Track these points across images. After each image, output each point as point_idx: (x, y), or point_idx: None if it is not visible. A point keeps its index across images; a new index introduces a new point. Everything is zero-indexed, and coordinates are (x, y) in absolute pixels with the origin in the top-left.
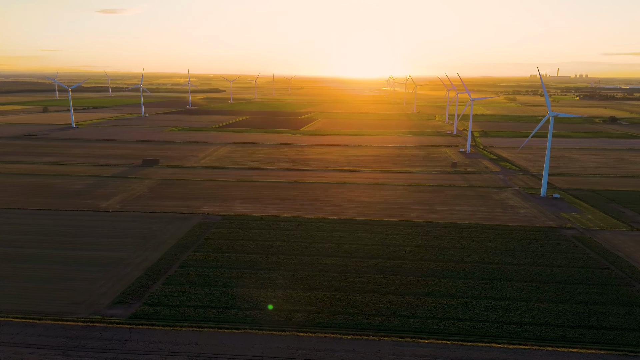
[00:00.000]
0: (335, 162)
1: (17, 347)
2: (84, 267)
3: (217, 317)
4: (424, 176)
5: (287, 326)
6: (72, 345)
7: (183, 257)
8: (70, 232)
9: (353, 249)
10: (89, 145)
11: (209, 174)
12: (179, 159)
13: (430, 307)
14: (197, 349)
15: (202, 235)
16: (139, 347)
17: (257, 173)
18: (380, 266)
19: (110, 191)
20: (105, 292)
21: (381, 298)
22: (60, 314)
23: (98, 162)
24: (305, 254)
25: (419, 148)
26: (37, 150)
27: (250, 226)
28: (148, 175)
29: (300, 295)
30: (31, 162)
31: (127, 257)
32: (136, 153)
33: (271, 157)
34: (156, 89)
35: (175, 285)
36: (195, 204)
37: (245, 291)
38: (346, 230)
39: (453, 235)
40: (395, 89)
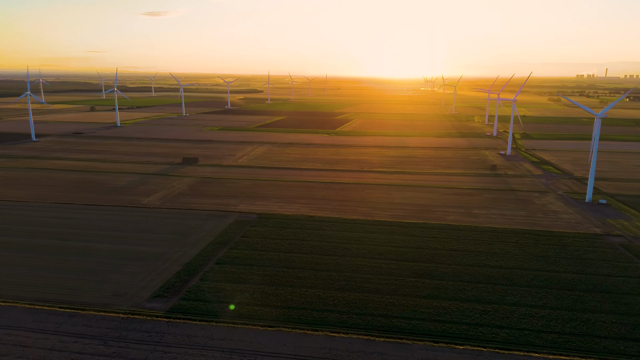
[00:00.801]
0: (371, 162)
1: (62, 335)
2: (126, 261)
3: (251, 314)
4: (462, 178)
5: (320, 326)
6: (113, 336)
7: (219, 254)
8: (114, 227)
9: (387, 250)
10: (132, 143)
11: (245, 173)
12: (218, 157)
13: (466, 313)
14: (232, 344)
15: (239, 233)
16: (176, 341)
17: (293, 173)
18: (414, 269)
19: (152, 188)
20: (145, 285)
21: (415, 301)
22: (103, 305)
23: (141, 159)
24: (338, 255)
25: (456, 150)
26: (84, 147)
27: (285, 225)
28: (187, 174)
29: (333, 295)
30: (78, 159)
31: (166, 253)
32: (177, 151)
33: (306, 157)
34: (196, 89)
35: (212, 282)
36: (232, 202)
37: (279, 289)
38: (380, 232)
39: (491, 240)
40: (433, 89)
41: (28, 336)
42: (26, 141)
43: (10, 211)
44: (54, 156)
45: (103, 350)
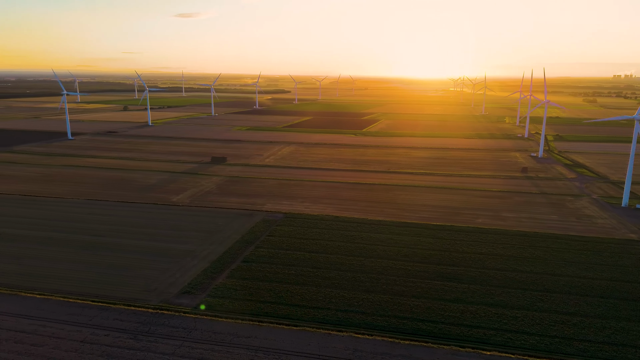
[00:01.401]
0: (398, 163)
1: (94, 328)
2: (156, 257)
3: (276, 313)
4: (491, 181)
5: (344, 327)
6: (142, 330)
7: (246, 252)
8: (145, 224)
9: (414, 253)
10: (163, 142)
11: (272, 172)
12: (245, 157)
13: (494, 318)
14: (257, 342)
15: (265, 232)
16: (203, 337)
17: (319, 173)
18: (441, 272)
19: (181, 186)
20: (174, 281)
21: (441, 305)
22: (133, 300)
23: (171, 158)
24: (364, 256)
25: (486, 151)
26: (117, 146)
27: (311, 225)
28: (216, 172)
29: (358, 296)
30: (111, 157)
31: (195, 250)
32: (206, 151)
33: (333, 158)
34: (225, 90)
35: (238, 279)
36: (259, 202)
37: (305, 289)
38: (407, 233)
39: (521, 244)
40: (462, 90)
41: (62, 328)
42: (62, 139)
43: (49, 207)
44: (88, 154)
45: (133, 344)
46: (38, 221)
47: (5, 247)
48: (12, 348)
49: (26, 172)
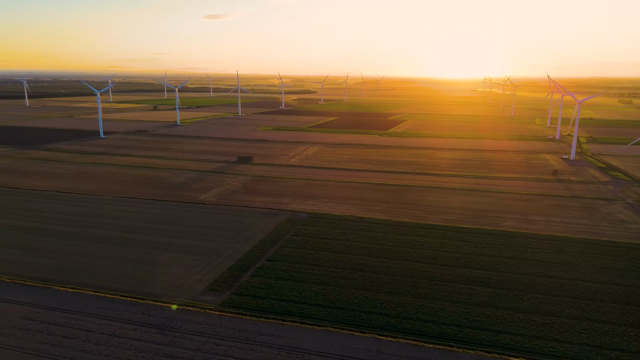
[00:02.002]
0: (424, 165)
1: (123, 322)
2: (183, 254)
3: (300, 312)
4: (520, 183)
5: (368, 328)
6: (169, 325)
7: (271, 251)
8: (173, 221)
9: (439, 255)
10: (191, 141)
11: (297, 172)
12: (271, 157)
13: (521, 324)
14: (280, 341)
15: (289, 231)
16: (227, 334)
17: (344, 173)
18: (467, 276)
19: (208, 185)
20: (200, 279)
21: (467, 309)
22: (160, 296)
23: (198, 157)
24: (388, 257)
25: (515, 153)
26: (147, 145)
27: (334, 225)
28: (242, 172)
29: (382, 298)
30: (141, 156)
31: (220, 248)
32: (232, 150)
33: (358, 158)
34: (252, 90)
35: (263, 278)
36: (283, 201)
37: (328, 289)
38: (432, 235)
39: (550, 249)
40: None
41: (92, 321)
42: (95, 138)
43: (82, 203)
44: (119, 152)
45: (160, 339)
46: (71, 217)
47: (40, 241)
48: (45, 340)
49: (60, 170)
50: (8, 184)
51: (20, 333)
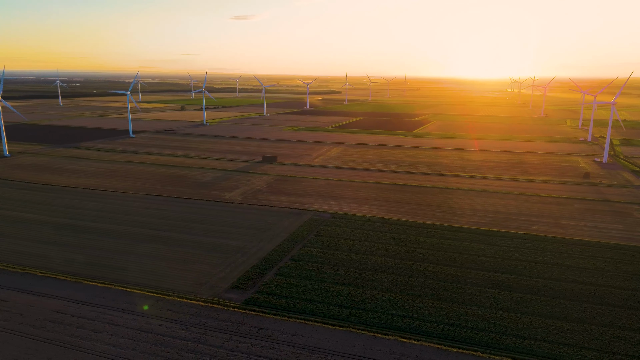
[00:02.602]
0: (449, 166)
1: (150, 318)
2: (208, 252)
3: (322, 312)
4: (550, 186)
5: (390, 330)
6: (193, 322)
7: (294, 251)
8: (199, 219)
9: (464, 258)
10: (217, 141)
11: (321, 172)
12: (295, 157)
13: (549, 330)
14: (302, 340)
15: (312, 231)
16: (250, 332)
17: (367, 174)
18: (493, 280)
19: (233, 184)
20: (224, 276)
21: (492, 313)
22: (186, 292)
23: (224, 156)
24: (412, 259)
25: (544, 155)
26: (174, 144)
27: (357, 226)
28: (266, 171)
29: (405, 300)
30: (169, 155)
31: (245, 246)
32: (257, 150)
33: (382, 159)
34: (277, 90)
35: (285, 277)
36: (307, 201)
37: (350, 290)
38: (457, 238)
39: (581, 254)
40: (520, 91)
41: (120, 316)
42: (124, 137)
43: (111, 200)
44: (147, 151)
45: (184, 335)
46: (101, 213)
47: (71, 237)
48: (74, 332)
49: (91, 167)
50: (43, 181)
51: (52, 326)
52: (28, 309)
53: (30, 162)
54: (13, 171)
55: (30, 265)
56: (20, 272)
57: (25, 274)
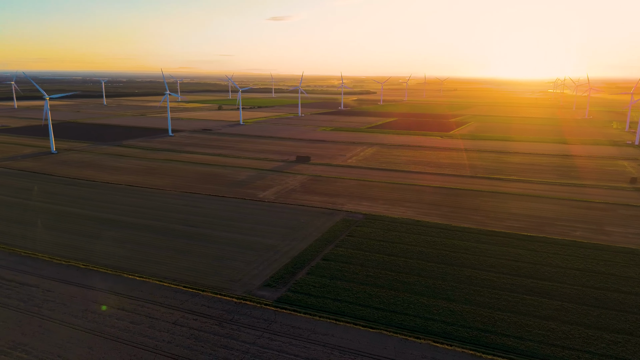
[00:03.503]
0: (486, 168)
1: (185, 312)
2: (242, 250)
3: (353, 313)
4: (593, 191)
5: (422, 334)
6: (227, 318)
7: (326, 251)
8: (234, 217)
9: (500, 263)
10: (252, 140)
11: (354, 173)
12: (328, 157)
13: (590, 341)
14: (333, 340)
15: (345, 231)
16: (282, 330)
17: (401, 175)
18: (531, 286)
19: (268, 183)
20: (257, 274)
21: (530, 321)
22: (220, 289)
23: (259, 156)
24: (446, 263)
25: (588, 158)
26: (211, 143)
27: (390, 228)
28: (300, 171)
29: (438, 304)
30: (206, 153)
31: (278, 245)
32: (291, 150)
33: (416, 160)
34: (312, 91)
35: (317, 277)
36: (339, 201)
37: (382, 291)
38: (493, 242)
39: (626, 263)
40: (563, 91)
41: (157, 309)
42: (164, 135)
43: (150, 197)
44: (185, 150)
45: (218, 330)
46: (140, 210)
47: (112, 231)
48: (114, 324)
49: (132, 165)
50: (87, 177)
51: (93, 316)
52: (71, 299)
53: (75, 159)
54: (59, 167)
55: (74, 258)
56: (65, 264)
57: (70, 266)
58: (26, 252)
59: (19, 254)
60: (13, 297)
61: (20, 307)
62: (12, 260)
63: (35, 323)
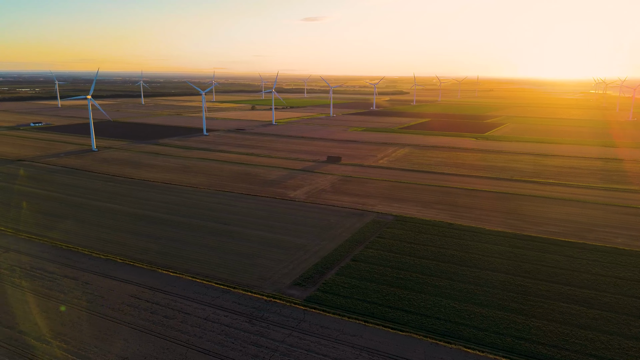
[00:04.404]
0: (523, 171)
1: (216, 308)
2: (273, 248)
3: (383, 315)
4: (637, 196)
5: (453, 339)
6: (257, 315)
7: (355, 251)
8: (265, 216)
9: (536, 269)
10: (284, 140)
11: (385, 174)
12: (359, 157)
13: (631, 352)
14: (362, 342)
15: (375, 232)
16: (311, 329)
17: (433, 177)
18: (568, 294)
19: (298, 183)
20: (287, 273)
21: (567, 330)
22: (250, 286)
23: (290, 156)
24: (479, 267)
25: (633, 162)
26: (244, 142)
27: (422, 230)
28: (330, 171)
29: (470, 309)
30: (239, 152)
31: (307, 244)
32: (322, 150)
33: (450, 162)
34: (344, 91)
35: (346, 277)
36: (370, 202)
37: (413, 294)
38: (529, 248)
39: None
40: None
41: (189, 305)
42: (199, 135)
43: (185, 194)
44: (219, 149)
45: (248, 327)
46: (175, 207)
47: (148, 227)
48: (148, 317)
49: (168, 163)
50: (125, 174)
51: (129, 309)
52: (108, 292)
53: (114, 157)
54: (99, 164)
55: (112, 252)
56: (103, 257)
57: (107, 260)
58: (67, 245)
59: (61, 247)
60: (54, 288)
61: (60, 299)
62: (54, 253)
63: (74, 314)
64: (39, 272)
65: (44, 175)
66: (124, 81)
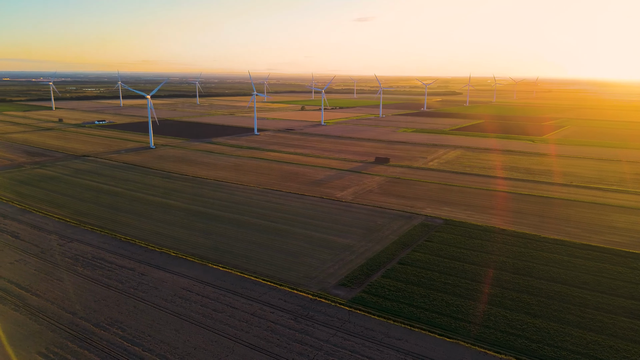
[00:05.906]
0: (583, 176)
1: (263, 305)
2: (319, 247)
3: (429, 320)
4: None
5: (504, 349)
6: (302, 313)
7: (402, 254)
8: (312, 215)
9: (595, 281)
10: (332, 140)
11: (435, 176)
12: (408, 159)
13: None
14: (407, 346)
15: (423, 236)
16: (355, 330)
17: (486, 180)
18: (632, 309)
19: (346, 183)
20: (333, 273)
21: (628, 346)
22: (297, 284)
23: (338, 156)
24: (532, 276)
25: None
26: (293, 142)
27: (472, 235)
28: (378, 172)
29: (523, 319)
30: (288, 152)
31: (353, 245)
32: (370, 151)
33: (504, 165)
34: (394, 92)
35: (393, 280)
36: (418, 205)
37: (461, 301)
38: (589, 257)
39: None
40: None
41: (237, 300)
42: (250, 134)
43: (236, 192)
44: (269, 148)
45: (293, 325)
46: (226, 204)
47: (200, 223)
48: (198, 310)
49: (220, 161)
50: (180, 171)
51: (180, 301)
52: (162, 284)
53: (170, 154)
54: (156, 161)
55: (166, 246)
56: (158, 251)
57: (162, 253)
58: (126, 237)
59: (120, 239)
60: (113, 278)
61: (118, 288)
62: (114, 245)
63: (130, 303)
64: (99, 262)
65: (106, 171)
66: (180, 81)
